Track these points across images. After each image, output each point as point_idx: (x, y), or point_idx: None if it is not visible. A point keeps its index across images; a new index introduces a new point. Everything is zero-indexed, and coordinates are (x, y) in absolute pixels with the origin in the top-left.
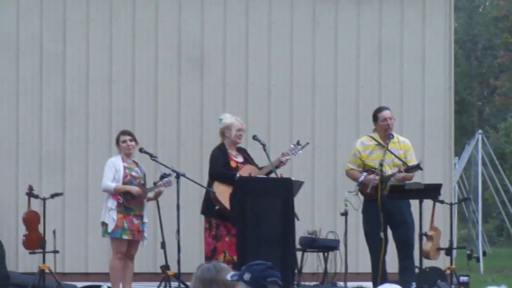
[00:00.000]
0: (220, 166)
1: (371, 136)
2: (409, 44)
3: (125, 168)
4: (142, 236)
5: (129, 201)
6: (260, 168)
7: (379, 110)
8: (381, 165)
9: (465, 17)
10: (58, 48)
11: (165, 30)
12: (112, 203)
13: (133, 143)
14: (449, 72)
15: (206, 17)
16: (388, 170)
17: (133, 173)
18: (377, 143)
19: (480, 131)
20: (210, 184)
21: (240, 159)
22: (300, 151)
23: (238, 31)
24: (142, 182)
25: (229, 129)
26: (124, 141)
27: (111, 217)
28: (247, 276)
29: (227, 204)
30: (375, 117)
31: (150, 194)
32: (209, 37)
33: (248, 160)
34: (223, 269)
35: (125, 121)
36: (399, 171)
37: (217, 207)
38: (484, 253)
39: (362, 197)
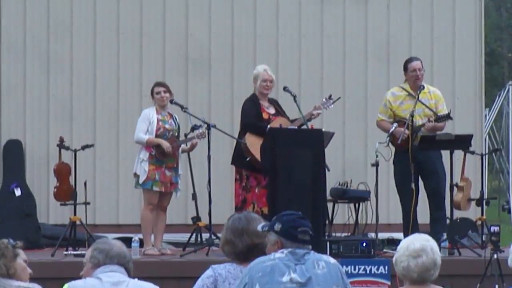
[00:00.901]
0: (252, 117)
1: (401, 87)
2: None
3: (158, 120)
4: (176, 188)
5: (161, 154)
6: (291, 121)
7: (409, 60)
8: (411, 116)
9: None
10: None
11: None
12: (144, 155)
13: (167, 94)
14: (479, 23)
15: None
16: (418, 121)
17: (167, 126)
18: (407, 94)
19: (510, 82)
20: (241, 135)
21: (272, 110)
22: (331, 106)
23: None
24: (175, 134)
25: (256, 79)
26: (158, 93)
27: (143, 169)
28: (277, 226)
29: (258, 155)
30: (405, 68)
31: (185, 146)
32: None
33: (280, 112)
34: (254, 219)
35: (156, 74)
36: (429, 121)
37: (248, 158)
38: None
39: (393, 148)
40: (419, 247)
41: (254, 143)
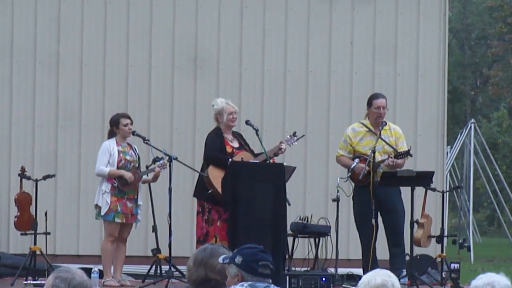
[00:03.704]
0: (216, 150)
1: (362, 123)
2: (403, 32)
3: (119, 152)
4: (136, 219)
5: (124, 185)
6: (255, 155)
7: (376, 97)
8: (373, 152)
9: (460, 6)
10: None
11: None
12: (106, 186)
13: (132, 126)
14: (443, 61)
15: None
16: (378, 157)
17: (127, 157)
18: (367, 130)
19: (472, 120)
20: (204, 167)
21: (235, 144)
22: (295, 143)
23: (233, 17)
24: (136, 165)
25: (221, 114)
26: (126, 125)
27: (105, 200)
28: (238, 259)
29: (220, 188)
30: (370, 103)
31: (149, 176)
32: (203, 18)
33: (243, 145)
34: (219, 254)
35: (119, 104)
36: (389, 157)
37: (210, 191)
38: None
39: (353, 184)
40: (380, 283)
41: (216, 176)
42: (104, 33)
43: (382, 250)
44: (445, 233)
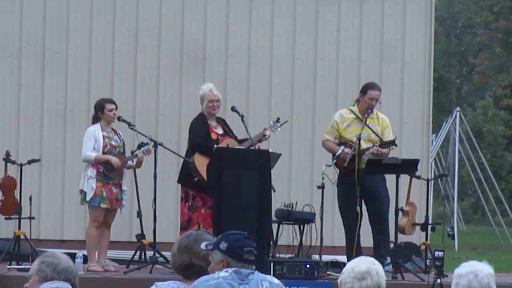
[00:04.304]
0: (201, 137)
1: (350, 109)
2: (389, 20)
3: (104, 137)
4: (120, 205)
5: (109, 170)
6: (239, 141)
7: (372, 87)
8: (358, 139)
9: None
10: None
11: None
12: (91, 172)
13: (117, 111)
14: (429, 49)
15: None
16: (363, 145)
17: (113, 142)
18: (355, 117)
19: (458, 108)
20: (189, 153)
21: (220, 130)
22: (278, 129)
23: (220, 3)
24: (121, 150)
25: (202, 100)
26: (111, 110)
27: (90, 186)
28: (223, 245)
29: (206, 176)
30: (364, 91)
31: (133, 162)
32: (190, 3)
33: (228, 132)
34: (203, 240)
35: (104, 89)
36: (374, 146)
37: (196, 179)
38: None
39: (338, 170)
40: (364, 270)
41: (202, 164)
42: (90, 18)
43: (366, 237)
44: (430, 221)
